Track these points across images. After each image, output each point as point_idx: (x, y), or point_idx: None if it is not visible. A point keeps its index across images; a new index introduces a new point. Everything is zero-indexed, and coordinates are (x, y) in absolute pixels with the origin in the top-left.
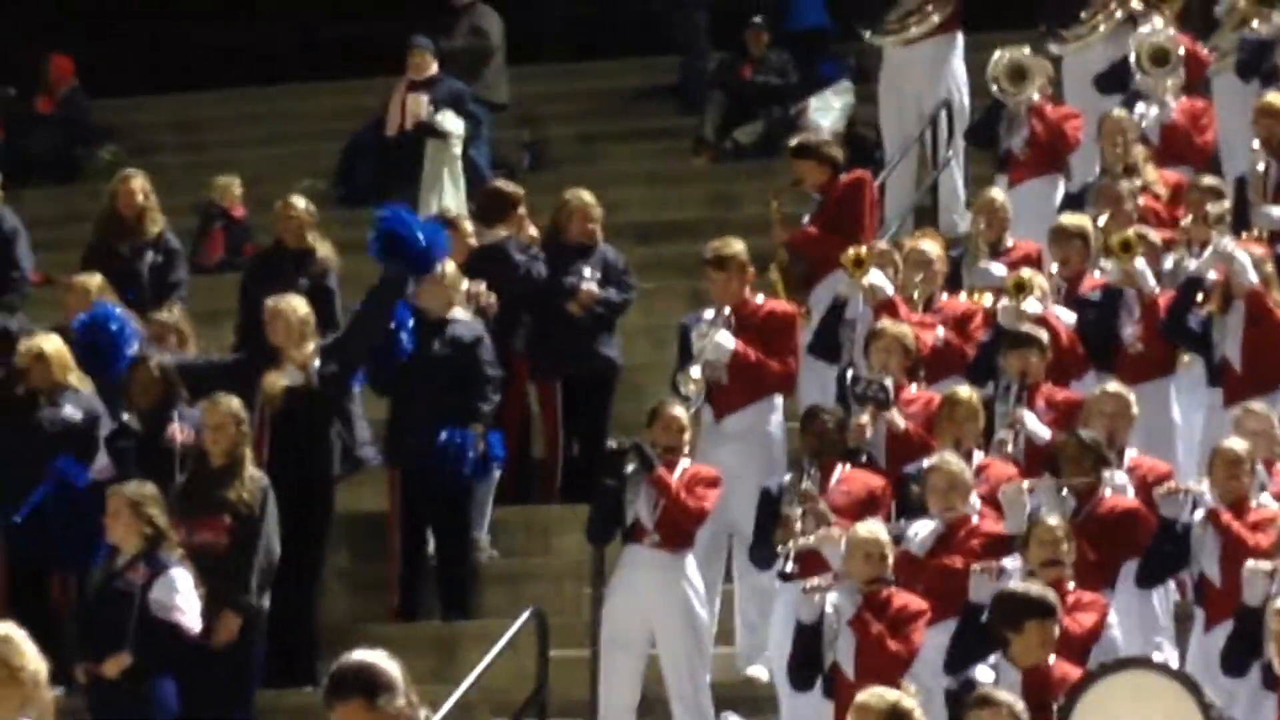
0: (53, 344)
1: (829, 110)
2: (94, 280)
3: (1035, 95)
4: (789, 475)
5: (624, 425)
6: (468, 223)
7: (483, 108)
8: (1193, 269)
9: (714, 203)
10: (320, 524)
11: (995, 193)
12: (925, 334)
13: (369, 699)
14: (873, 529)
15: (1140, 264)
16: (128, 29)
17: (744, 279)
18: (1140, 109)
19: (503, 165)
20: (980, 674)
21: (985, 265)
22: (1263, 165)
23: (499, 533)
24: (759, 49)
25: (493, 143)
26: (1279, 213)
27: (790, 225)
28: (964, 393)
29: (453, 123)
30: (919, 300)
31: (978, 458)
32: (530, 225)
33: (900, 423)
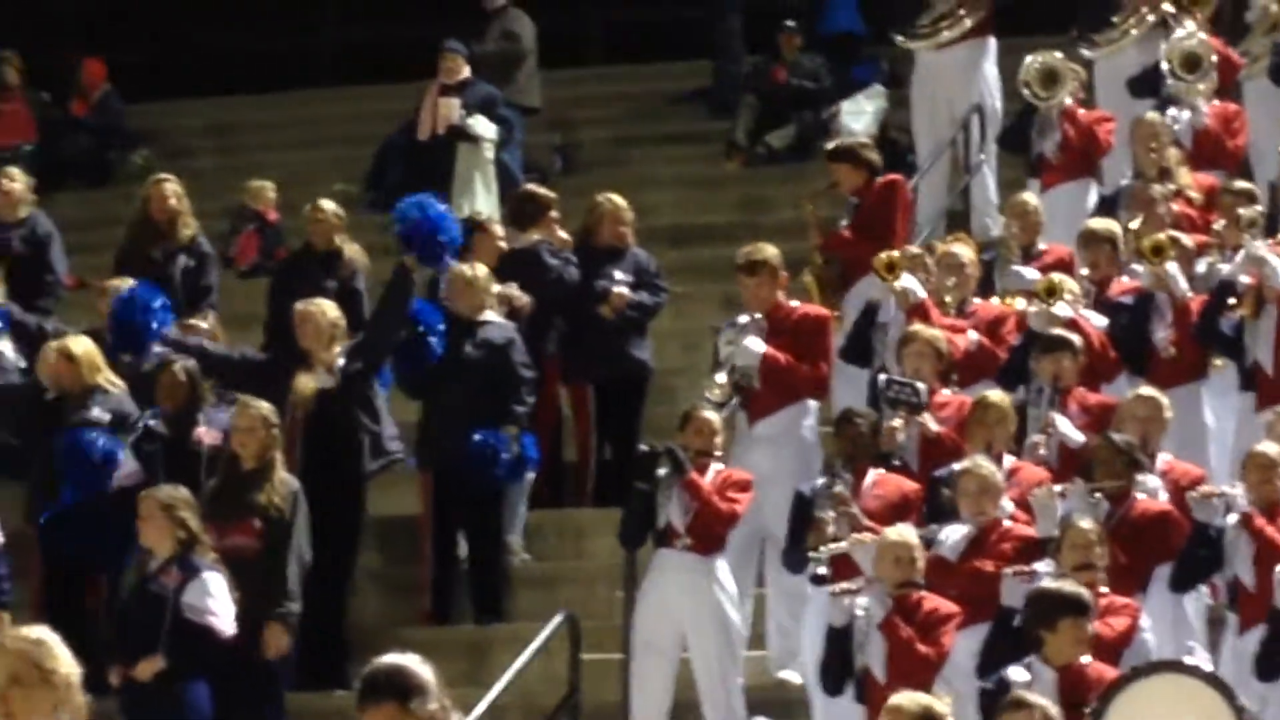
0: (82, 345)
1: (861, 114)
2: (126, 284)
3: (1067, 99)
4: (822, 479)
5: (656, 429)
6: (498, 226)
7: (515, 112)
8: (1225, 273)
9: (746, 207)
10: (351, 527)
11: (1028, 196)
12: (957, 338)
13: (401, 703)
14: (903, 533)
15: (1172, 268)
16: (161, 34)
17: (776, 284)
18: (1172, 113)
19: (535, 169)
20: (1014, 674)
21: (1017, 269)
22: None
23: (531, 536)
24: (792, 53)
25: (525, 147)
26: None
27: (825, 229)
28: (995, 396)
29: (484, 127)
30: (952, 304)
31: (1009, 461)
32: (560, 229)
33: (933, 427)
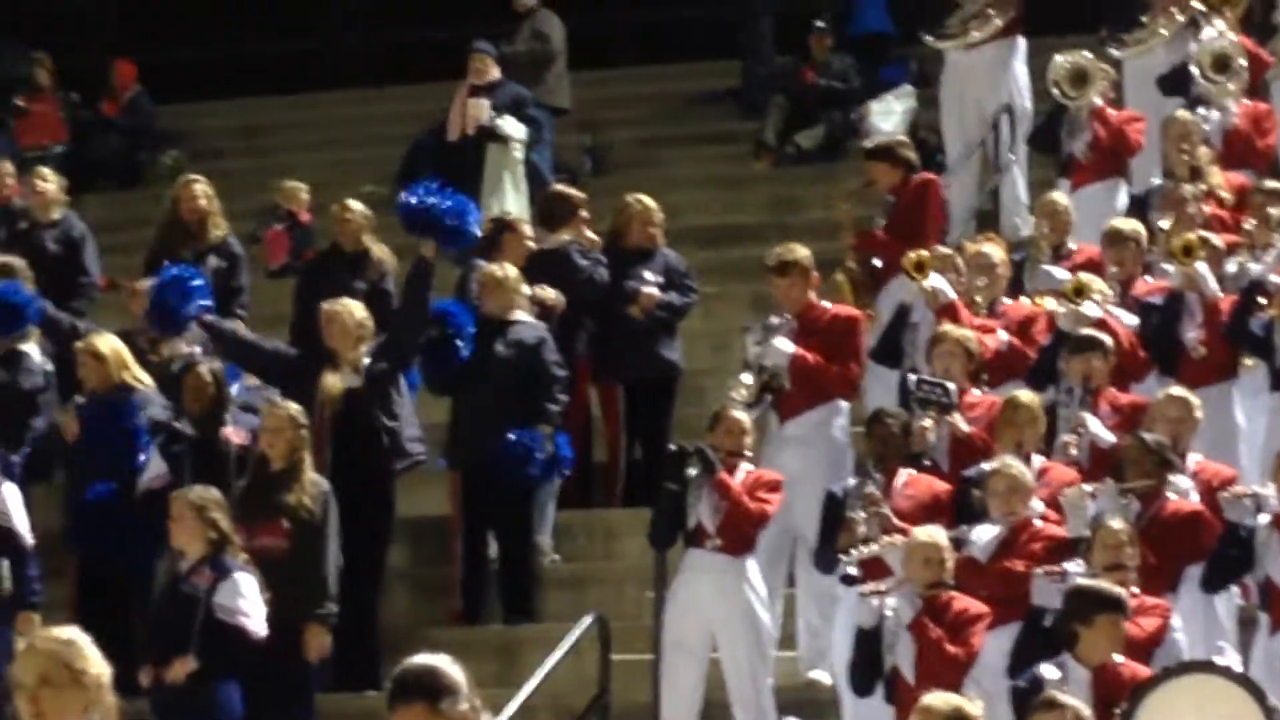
0: (109, 344)
1: (890, 114)
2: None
3: (1097, 99)
4: (853, 479)
5: (685, 429)
6: (526, 225)
7: (544, 112)
8: (1255, 272)
9: (775, 207)
10: (381, 526)
11: (1058, 196)
12: (987, 338)
13: (432, 703)
14: (932, 533)
15: (1202, 268)
16: (191, 35)
17: (807, 284)
18: (1201, 112)
19: (564, 170)
20: (1046, 671)
21: (1047, 269)
22: None
23: (561, 537)
24: (821, 53)
25: (554, 147)
26: None
27: (858, 228)
28: (1025, 396)
29: (514, 127)
30: (983, 304)
31: (1038, 461)
32: (590, 230)
33: (963, 427)
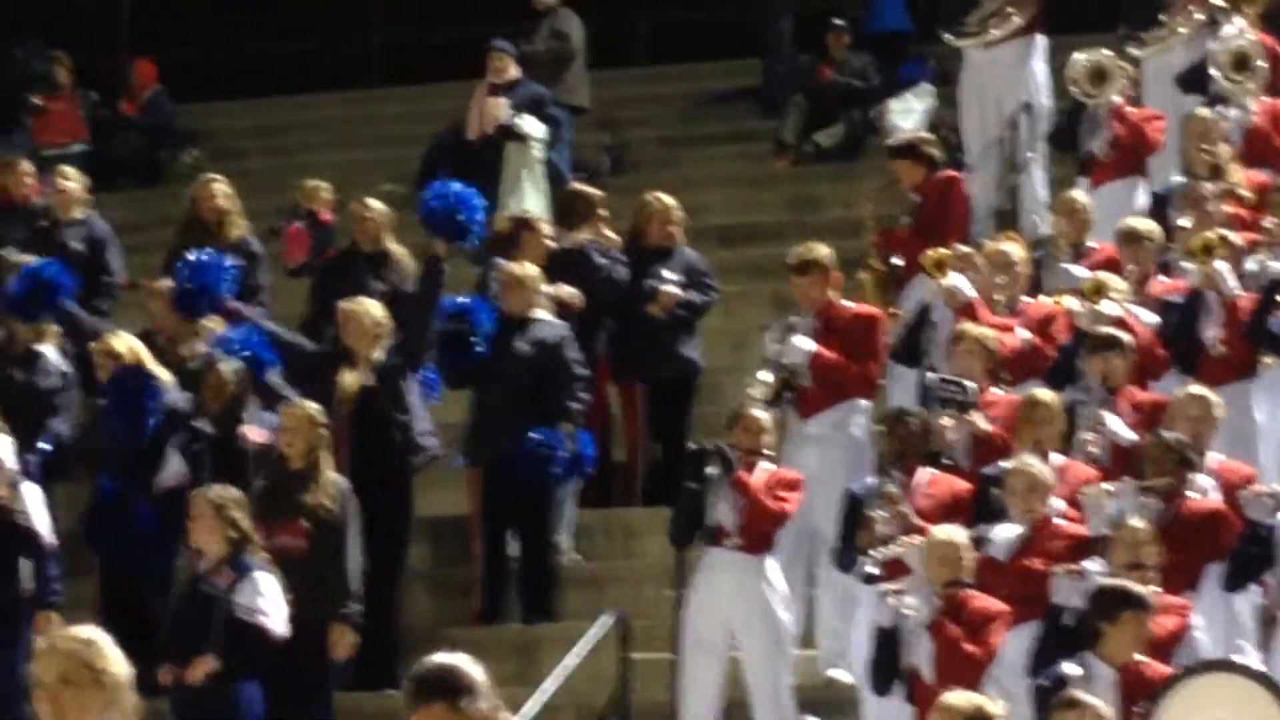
0: (125, 343)
1: (910, 112)
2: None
3: (1116, 97)
4: (873, 478)
5: (704, 428)
6: (544, 224)
7: (563, 111)
8: (1275, 271)
9: (795, 206)
10: (399, 525)
11: (1077, 194)
12: (1007, 336)
13: (451, 702)
14: (950, 532)
15: (1222, 266)
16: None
17: (828, 283)
18: (1220, 110)
19: (584, 169)
20: (1069, 669)
21: (1067, 267)
22: None
23: (580, 536)
24: (840, 51)
25: (573, 146)
26: None
27: (882, 227)
28: (1044, 394)
29: (533, 126)
30: (1002, 303)
31: (1057, 459)
32: (609, 229)
33: (982, 425)
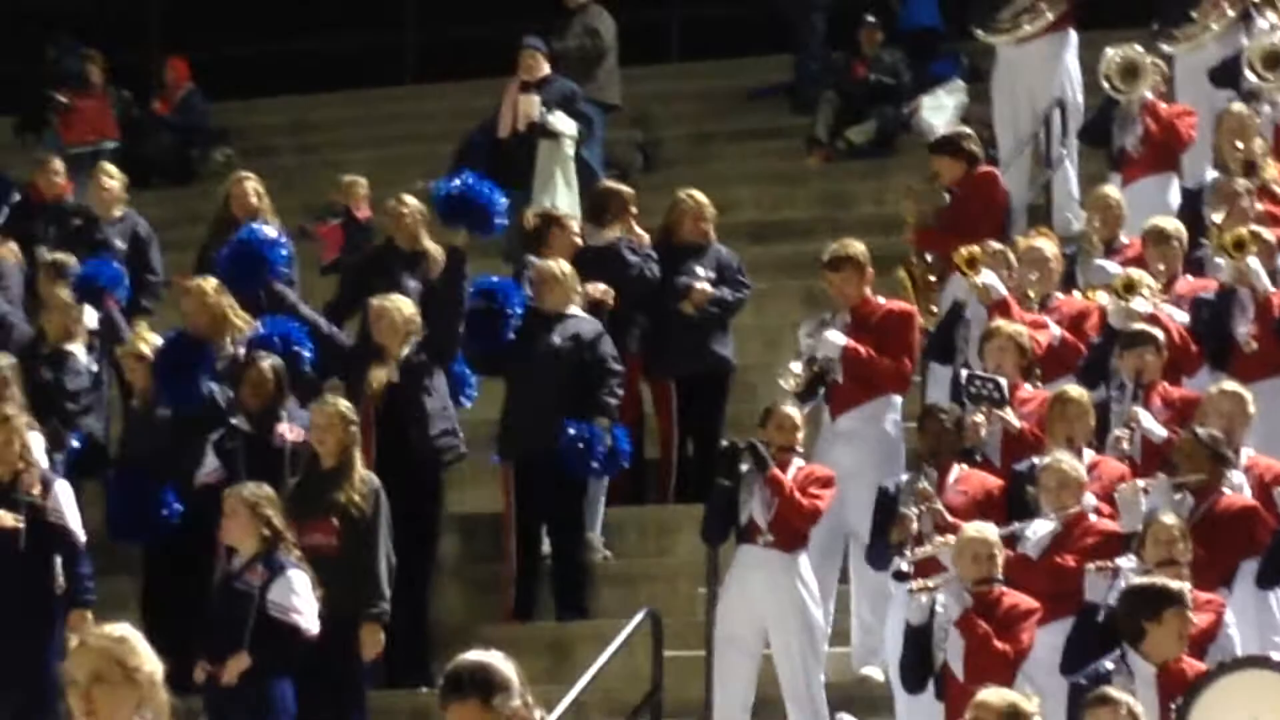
0: (153, 345)
1: (941, 109)
2: (209, 282)
3: (1148, 93)
4: (905, 474)
5: (737, 425)
6: (574, 221)
7: (595, 108)
8: None
9: (827, 202)
10: (430, 523)
11: (1110, 190)
12: (1039, 333)
13: (484, 699)
14: (981, 529)
15: (1254, 262)
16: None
17: (862, 279)
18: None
19: (616, 166)
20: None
21: (1099, 263)
22: None
23: (613, 533)
24: (872, 48)
25: (605, 143)
26: None
27: (919, 224)
28: (1075, 391)
29: (565, 123)
30: (1035, 299)
31: (1088, 456)
32: (640, 226)
33: (1015, 422)
